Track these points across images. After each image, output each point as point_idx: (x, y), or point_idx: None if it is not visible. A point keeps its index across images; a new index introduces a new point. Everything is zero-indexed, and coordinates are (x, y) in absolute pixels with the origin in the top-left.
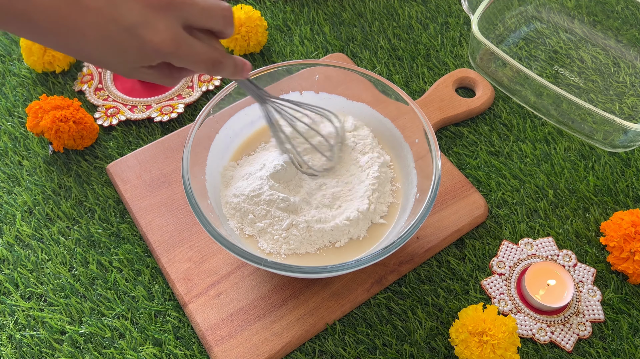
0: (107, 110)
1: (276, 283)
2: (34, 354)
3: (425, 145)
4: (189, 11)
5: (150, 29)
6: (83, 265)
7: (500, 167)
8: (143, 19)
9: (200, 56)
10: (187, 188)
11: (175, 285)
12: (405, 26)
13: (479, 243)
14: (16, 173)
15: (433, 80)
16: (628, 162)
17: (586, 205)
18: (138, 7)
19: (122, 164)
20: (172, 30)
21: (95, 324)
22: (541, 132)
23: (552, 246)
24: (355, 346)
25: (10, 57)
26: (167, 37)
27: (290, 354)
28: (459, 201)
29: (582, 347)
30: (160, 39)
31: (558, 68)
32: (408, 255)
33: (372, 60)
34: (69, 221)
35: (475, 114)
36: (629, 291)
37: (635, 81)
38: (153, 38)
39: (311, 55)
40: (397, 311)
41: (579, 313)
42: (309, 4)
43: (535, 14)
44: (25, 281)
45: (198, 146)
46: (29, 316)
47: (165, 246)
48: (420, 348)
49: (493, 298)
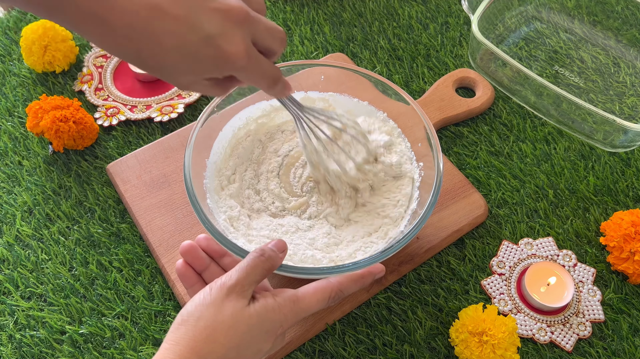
0: (107, 110)
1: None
2: (34, 354)
3: (427, 145)
4: (257, 28)
5: (227, 41)
6: (83, 265)
7: (500, 167)
8: (221, 30)
9: (266, 72)
10: (188, 187)
11: (175, 285)
12: (405, 26)
13: (479, 243)
14: (16, 173)
15: (433, 80)
16: (628, 162)
17: (586, 205)
18: (217, 19)
19: (122, 164)
20: (246, 44)
21: (95, 324)
22: (541, 132)
23: (552, 246)
24: (355, 346)
25: (10, 57)
26: (242, 49)
27: (290, 354)
28: (459, 201)
29: (582, 347)
30: (237, 50)
31: (558, 68)
32: (408, 255)
33: (372, 60)
34: (69, 221)
35: (475, 114)
36: (629, 291)
37: (635, 81)
38: (230, 49)
39: (311, 55)
40: (397, 311)
41: (579, 313)
42: (309, 4)
43: (535, 14)
44: (25, 281)
45: (200, 145)
46: (29, 316)
47: (165, 246)
48: (420, 348)
49: (493, 298)
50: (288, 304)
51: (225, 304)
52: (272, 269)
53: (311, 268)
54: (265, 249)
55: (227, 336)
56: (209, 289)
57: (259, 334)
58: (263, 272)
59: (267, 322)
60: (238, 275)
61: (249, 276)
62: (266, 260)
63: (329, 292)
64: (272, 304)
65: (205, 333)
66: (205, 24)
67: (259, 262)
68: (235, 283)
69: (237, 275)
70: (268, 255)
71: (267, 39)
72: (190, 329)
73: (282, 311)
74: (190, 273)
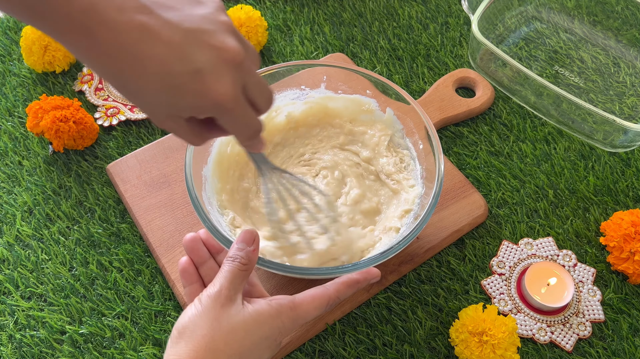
0: (107, 110)
1: (276, 283)
2: (34, 354)
3: (428, 145)
4: (250, 79)
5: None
6: (83, 265)
7: (500, 167)
8: (213, 67)
9: (251, 121)
10: (189, 187)
11: (175, 285)
12: (405, 26)
13: (479, 243)
14: (16, 173)
15: (433, 80)
16: (628, 162)
17: (586, 205)
18: (212, 55)
19: (122, 164)
20: (236, 88)
21: (95, 324)
22: (541, 132)
23: (552, 246)
24: (355, 346)
25: (10, 57)
26: (231, 91)
27: (290, 354)
28: (459, 201)
29: (582, 347)
30: (225, 91)
31: (558, 68)
32: (408, 255)
33: (372, 60)
34: (69, 221)
35: (475, 114)
36: (629, 291)
37: (635, 81)
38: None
39: (311, 55)
40: (397, 311)
41: (579, 313)
42: (309, 4)
43: (535, 14)
44: (25, 281)
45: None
46: (29, 316)
47: (165, 246)
48: (420, 348)
49: (493, 298)
50: (285, 311)
51: (218, 312)
52: (249, 267)
53: (310, 269)
54: (234, 254)
55: (227, 343)
56: (197, 301)
57: (259, 341)
58: (241, 274)
59: (264, 327)
60: (221, 282)
61: (232, 282)
62: (238, 263)
63: (327, 299)
64: (267, 310)
65: (204, 341)
66: (197, 56)
67: (233, 267)
68: (220, 290)
69: (220, 282)
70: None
71: (255, 93)
72: (189, 342)
73: (280, 317)
74: (192, 270)
